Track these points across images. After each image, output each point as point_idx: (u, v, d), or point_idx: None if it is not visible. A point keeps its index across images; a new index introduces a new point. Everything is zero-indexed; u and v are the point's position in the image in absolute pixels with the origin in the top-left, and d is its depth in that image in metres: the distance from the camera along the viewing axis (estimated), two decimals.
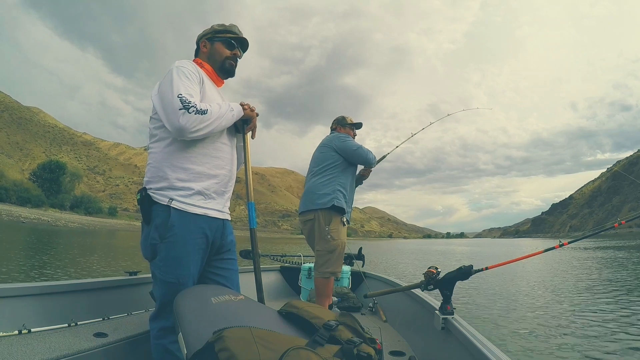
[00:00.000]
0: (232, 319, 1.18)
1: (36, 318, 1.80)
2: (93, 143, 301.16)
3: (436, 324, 1.84)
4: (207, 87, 1.71)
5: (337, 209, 2.90)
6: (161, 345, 1.56)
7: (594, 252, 26.36)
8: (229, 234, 1.77)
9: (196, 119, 1.50)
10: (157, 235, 1.55)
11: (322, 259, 2.89)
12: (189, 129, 1.49)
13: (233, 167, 1.79)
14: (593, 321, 6.15)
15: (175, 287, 1.52)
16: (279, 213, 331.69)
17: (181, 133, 1.50)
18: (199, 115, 1.50)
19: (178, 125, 1.48)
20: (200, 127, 1.52)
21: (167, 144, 1.59)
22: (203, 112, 1.52)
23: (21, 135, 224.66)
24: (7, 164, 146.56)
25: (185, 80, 1.57)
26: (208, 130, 1.56)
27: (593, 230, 2.04)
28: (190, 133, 1.51)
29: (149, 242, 1.57)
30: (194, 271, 1.59)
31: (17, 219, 50.73)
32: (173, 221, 1.53)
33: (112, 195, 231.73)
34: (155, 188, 1.57)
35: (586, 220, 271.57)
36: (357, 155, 3.06)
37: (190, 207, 1.56)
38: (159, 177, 1.58)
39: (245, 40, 1.91)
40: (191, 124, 1.49)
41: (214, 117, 1.57)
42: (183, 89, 1.53)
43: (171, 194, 1.55)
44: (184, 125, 1.48)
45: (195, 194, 1.58)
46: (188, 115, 1.48)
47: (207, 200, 1.62)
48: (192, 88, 1.57)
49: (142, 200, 1.58)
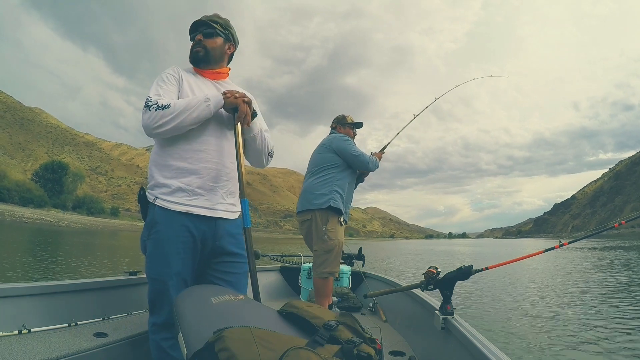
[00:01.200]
0: (232, 319, 1.18)
1: (36, 318, 1.80)
2: (95, 143, 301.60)
3: (436, 324, 1.83)
4: (194, 83, 1.70)
5: (334, 209, 2.89)
6: (155, 341, 1.57)
7: (595, 252, 26.28)
8: (227, 233, 1.67)
9: (157, 115, 1.50)
10: (147, 232, 1.59)
11: (319, 259, 2.89)
12: (151, 125, 1.51)
13: (224, 160, 1.67)
14: (593, 321, 6.14)
15: (158, 284, 1.54)
16: (281, 213, 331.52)
17: (146, 131, 1.54)
18: (159, 110, 1.50)
19: (142, 123, 1.53)
20: (162, 122, 1.50)
21: (156, 143, 1.65)
22: (164, 107, 1.51)
23: (23, 135, 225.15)
24: (9, 164, 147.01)
25: (160, 83, 1.61)
26: (173, 124, 1.51)
27: (593, 231, 2.03)
28: (154, 129, 1.52)
29: (142, 240, 1.63)
30: (181, 269, 1.55)
31: (19, 220, 50.83)
32: (157, 218, 1.55)
33: (114, 196, 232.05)
34: (148, 187, 1.63)
35: (589, 220, 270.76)
36: (357, 161, 3.05)
37: (172, 204, 1.55)
38: (150, 177, 1.63)
39: (198, 21, 1.78)
40: (152, 120, 1.50)
41: (178, 110, 1.51)
42: (153, 92, 1.57)
43: (156, 192, 1.58)
44: (145, 122, 1.51)
45: (177, 190, 1.56)
46: (149, 113, 1.51)
47: (191, 197, 1.57)
48: (162, 89, 1.59)
49: (139, 199, 1.64)
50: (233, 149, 1.68)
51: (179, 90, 1.65)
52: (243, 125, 1.68)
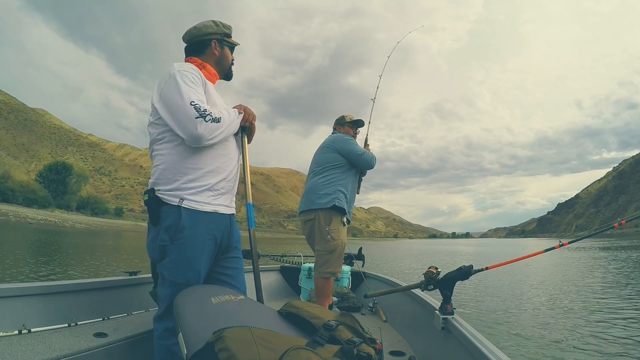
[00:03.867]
0: (232, 319, 1.18)
1: (36, 318, 1.80)
2: (98, 144, 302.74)
3: (436, 324, 1.84)
4: (210, 90, 1.71)
5: (337, 209, 2.89)
6: (165, 346, 1.56)
7: (598, 252, 26.17)
8: (235, 230, 1.78)
9: (212, 127, 1.52)
10: (168, 237, 1.55)
11: (322, 259, 2.89)
12: (206, 137, 1.51)
13: (239, 162, 1.83)
14: (593, 321, 6.12)
15: (182, 289, 1.52)
16: (285, 213, 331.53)
17: (198, 141, 1.52)
18: (214, 123, 1.52)
19: (196, 133, 1.48)
20: (216, 134, 1.55)
21: (175, 145, 1.59)
22: (217, 120, 1.54)
23: (27, 136, 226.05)
24: (13, 165, 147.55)
25: (193, 86, 1.56)
26: (222, 137, 1.60)
27: (593, 231, 2.03)
28: (207, 141, 1.53)
29: (158, 244, 1.57)
30: (203, 273, 1.61)
31: (24, 220, 50.95)
32: (184, 223, 1.54)
33: (117, 196, 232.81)
34: (165, 189, 1.57)
35: (592, 220, 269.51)
36: (361, 160, 3.05)
37: (200, 205, 1.58)
38: (168, 179, 1.57)
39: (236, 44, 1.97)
40: (208, 132, 1.51)
41: (226, 124, 1.61)
42: (194, 96, 1.52)
43: (182, 193, 1.56)
44: (202, 133, 1.49)
45: (206, 190, 1.60)
46: (205, 124, 1.49)
47: (217, 197, 1.65)
48: (200, 94, 1.57)
49: (151, 202, 1.57)
50: (240, 153, 1.85)
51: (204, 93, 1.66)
52: (250, 140, 1.90)
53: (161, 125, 1.60)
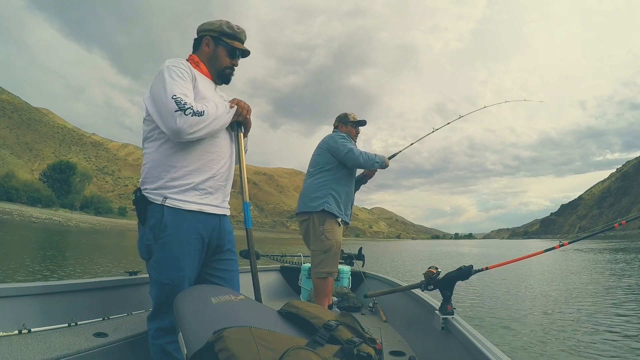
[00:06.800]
0: (232, 319, 1.18)
1: (36, 318, 1.80)
2: (102, 144, 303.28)
3: (436, 324, 1.84)
4: (201, 85, 1.66)
5: (328, 213, 2.88)
6: (158, 346, 1.56)
7: (600, 253, 26.06)
8: (227, 231, 1.73)
9: (193, 121, 1.46)
10: (152, 236, 1.53)
11: (317, 259, 2.89)
12: (187, 131, 1.46)
13: (231, 160, 1.77)
14: (594, 321, 6.11)
15: (169, 288, 1.52)
16: (287, 213, 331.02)
17: (178, 135, 1.47)
18: (195, 117, 1.47)
19: (175, 127, 1.44)
20: (197, 128, 1.49)
21: (161, 143, 1.57)
22: (199, 113, 1.48)
23: (31, 135, 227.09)
24: (17, 164, 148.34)
25: (178, 80, 1.53)
26: (206, 131, 1.53)
27: (593, 231, 2.03)
28: (188, 135, 1.48)
29: (144, 243, 1.56)
30: (189, 272, 1.57)
31: (28, 219, 51.14)
32: (167, 221, 1.51)
33: (121, 196, 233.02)
34: (151, 188, 1.55)
35: (595, 221, 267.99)
36: (347, 159, 2.95)
37: (184, 203, 1.54)
38: (154, 177, 1.56)
39: (248, 52, 1.86)
40: (188, 125, 1.46)
41: (211, 118, 1.54)
42: (177, 90, 1.49)
43: (165, 192, 1.53)
44: (181, 127, 1.44)
45: (190, 189, 1.56)
46: (184, 118, 1.44)
47: (203, 196, 1.60)
48: (185, 88, 1.53)
49: (137, 201, 1.56)
50: (234, 151, 1.79)
51: (193, 88, 1.61)
52: (246, 134, 1.83)
53: (151, 122, 1.58)
